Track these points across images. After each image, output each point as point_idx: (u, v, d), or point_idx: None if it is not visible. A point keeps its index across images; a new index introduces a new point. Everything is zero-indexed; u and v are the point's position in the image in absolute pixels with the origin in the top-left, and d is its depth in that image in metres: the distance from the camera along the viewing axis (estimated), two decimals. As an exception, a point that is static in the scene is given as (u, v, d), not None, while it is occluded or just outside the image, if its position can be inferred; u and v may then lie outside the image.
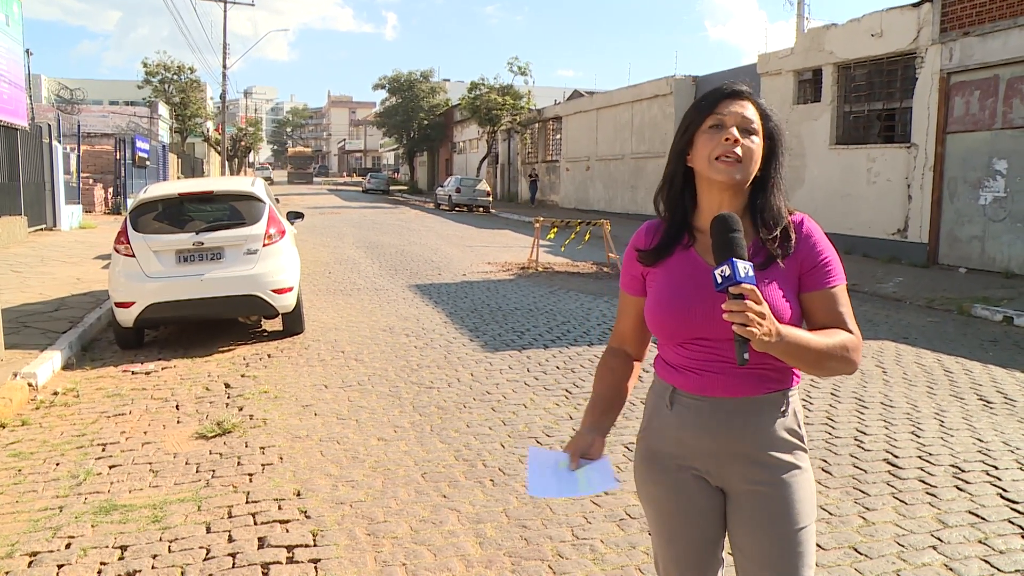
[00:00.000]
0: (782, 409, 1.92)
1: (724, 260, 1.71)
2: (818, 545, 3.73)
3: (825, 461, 4.85)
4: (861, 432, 5.40)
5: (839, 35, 17.29)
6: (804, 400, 6.11)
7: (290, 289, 7.94)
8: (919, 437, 5.32)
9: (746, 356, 1.70)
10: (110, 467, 4.70)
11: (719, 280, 1.70)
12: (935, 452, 5.04)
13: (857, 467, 4.77)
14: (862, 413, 5.83)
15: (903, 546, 3.76)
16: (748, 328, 1.65)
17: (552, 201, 35.82)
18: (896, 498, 4.32)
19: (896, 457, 4.94)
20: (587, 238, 18.76)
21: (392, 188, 58.88)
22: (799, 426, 1.95)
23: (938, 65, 14.69)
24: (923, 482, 4.55)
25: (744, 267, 1.69)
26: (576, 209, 32.16)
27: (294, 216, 9.61)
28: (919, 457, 4.95)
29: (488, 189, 35.34)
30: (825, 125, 17.67)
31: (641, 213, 27.38)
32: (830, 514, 4.10)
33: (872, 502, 4.26)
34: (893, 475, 4.65)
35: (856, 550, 3.71)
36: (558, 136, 36.35)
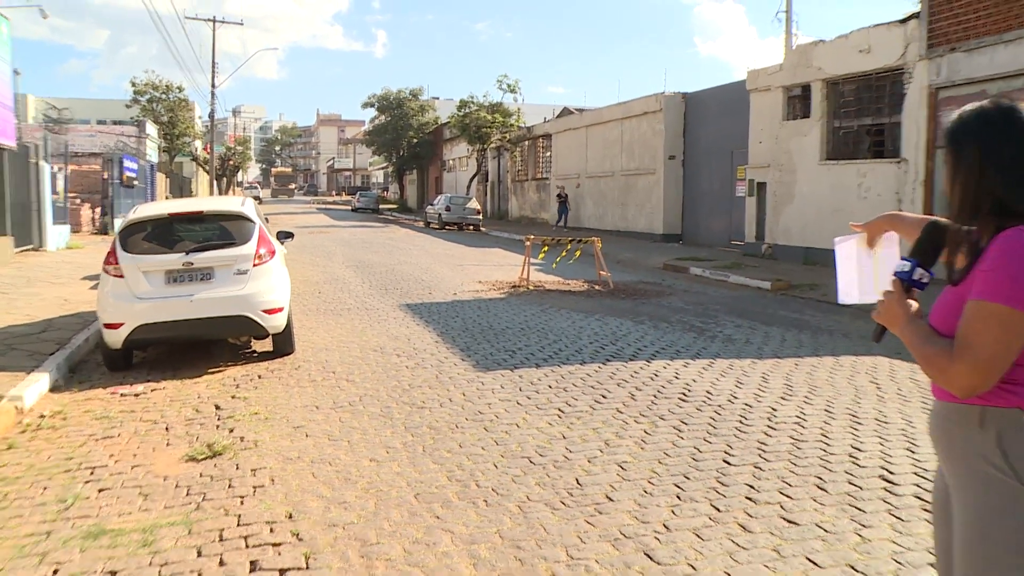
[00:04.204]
0: (973, 425, 1.87)
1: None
2: (814, 563, 3.71)
3: (820, 478, 4.83)
4: (856, 448, 5.38)
5: (827, 51, 17.45)
6: (797, 416, 6.09)
7: (280, 309, 7.89)
8: (914, 453, 5.31)
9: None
10: (99, 491, 4.64)
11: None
12: (931, 468, 5.01)
13: (852, 484, 4.75)
14: (856, 429, 5.82)
15: (900, 563, 3.73)
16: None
17: (542, 219, 35.88)
18: (892, 515, 4.30)
19: (892, 473, 4.92)
20: (578, 255, 18.78)
21: (382, 207, 58.91)
22: (1001, 456, 1.82)
23: (926, 80, 14.83)
24: (919, 498, 4.53)
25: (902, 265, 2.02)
26: (566, 227, 32.19)
27: (284, 236, 9.58)
28: (915, 473, 4.94)
29: (478, 207, 35.40)
30: (815, 141, 17.79)
31: (631, 230, 27.46)
32: (826, 531, 4.07)
33: (868, 519, 4.24)
34: (889, 491, 4.63)
35: (853, 568, 3.68)
36: (548, 153, 36.46)
